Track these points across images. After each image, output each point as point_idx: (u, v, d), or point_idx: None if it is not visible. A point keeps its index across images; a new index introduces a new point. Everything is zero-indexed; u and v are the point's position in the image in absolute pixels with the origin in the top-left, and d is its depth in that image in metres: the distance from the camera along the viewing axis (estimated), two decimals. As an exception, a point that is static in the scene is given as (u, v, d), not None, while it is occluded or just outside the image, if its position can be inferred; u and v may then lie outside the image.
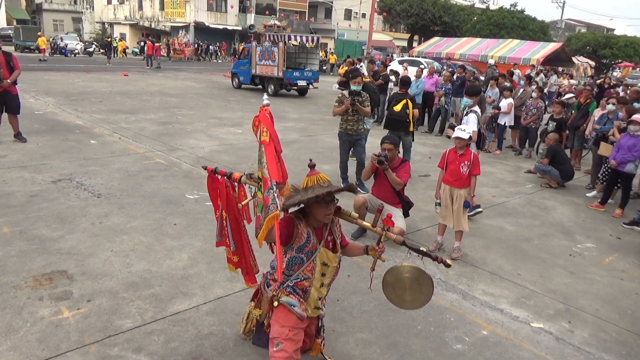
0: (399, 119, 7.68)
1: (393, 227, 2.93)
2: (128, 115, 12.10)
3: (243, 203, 3.17)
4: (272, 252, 3.03)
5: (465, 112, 6.74)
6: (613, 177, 7.23)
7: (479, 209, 6.36)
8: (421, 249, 2.86)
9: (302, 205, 2.75)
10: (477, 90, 6.93)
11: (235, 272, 3.54)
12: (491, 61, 22.60)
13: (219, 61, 40.11)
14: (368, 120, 7.67)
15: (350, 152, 7.30)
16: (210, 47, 41.20)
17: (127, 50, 40.55)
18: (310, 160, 2.86)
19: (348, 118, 6.94)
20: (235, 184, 3.20)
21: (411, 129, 7.79)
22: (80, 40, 41.45)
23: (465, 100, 6.72)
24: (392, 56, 40.65)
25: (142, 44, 38.11)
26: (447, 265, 2.85)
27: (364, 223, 2.98)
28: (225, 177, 3.19)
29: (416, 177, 8.00)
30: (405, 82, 8.22)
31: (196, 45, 40.52)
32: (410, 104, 7.64)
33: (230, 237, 3.33)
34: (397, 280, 2.91)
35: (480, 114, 6.63)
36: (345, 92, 7.02)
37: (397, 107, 7.69)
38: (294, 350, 2.77)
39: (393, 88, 17.39)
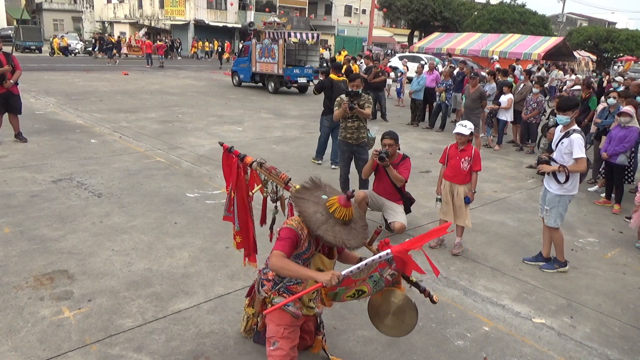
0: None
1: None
2: (128, 114, 12.10)
3: (253, 191, 3.21)
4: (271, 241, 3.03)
5: (560, 136, 4.76)
6: (608, 170, 7.20)
7: (563, 268, 4.90)
8: (411, 278, 2.79)
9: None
10: (574, 103, 4.80)
11: (237, 249, 3.60)
12: (495, 57, 22.53)
13: (179, 58, 37.90)
14: (373, 128, 6.96)
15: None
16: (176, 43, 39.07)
17: (70, 48, 35.11)
18: (353, 190, 2.72)
19: (347, 125, 6.14)
20: (249, 168, 3.25)
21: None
22: (81, 40, 41.38)
23: (560, 118, 4.71)
24: (392, 52, 40.51)
25: (93, 40, 35.27)
26: (433, 302, 2.76)
27: None
28: (238, 159, 3.23)
29: (417, 173, 7.98)
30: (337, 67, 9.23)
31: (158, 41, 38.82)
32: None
33: (236, 216, 3.40)
34: (384, 302, 2.85)
35: (584, 135, 4.73)
36: (344, 95, 6.35)
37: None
38: (291, 348, 2.76)
39: (392, 85, 17.42)
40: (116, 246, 4.76)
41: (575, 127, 4.68)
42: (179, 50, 40.13)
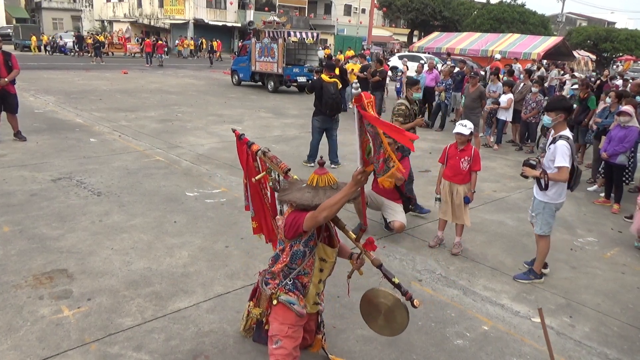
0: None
1: (374, 250, 2.83)
2: (128, 113, 12.09)
3: (257, 177, 3.24)
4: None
5: (549, 140, 4.53)
6: (608, 170, 7.20)
7: (538, 279, 4.66)
8: (394, 280, 2.77)
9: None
10: (561, 105, 4.39)
11: (254, 234, 3.65)
12: (497, 56, 22.51)
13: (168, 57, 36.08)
14: None
15: None
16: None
17: (67, 46, 34.20)
18: (321, 157, 2.89)
19: None
20: (257, 155, 3.29)
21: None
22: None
23: (546, 119, 4.44)
24: (384, 52, 40.38)
25: (75, 39, 33.96)
26: (414, 306, 2.68)
27: (350, 234, 2.95)
28: (247, 146, 3.29)
29: (416, 173, 7.95)
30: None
31: (137, 39, 37.42)
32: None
33: (250, 202, 3.46)
34: (374, 302, 2.87)
35: (573, 142, 4.37)
36: (407, 103, 6.18)
37: None
38: (294, 347, 2.76)
39: (389, 84, 17.36)
40: (115, 245, 4.76)
41: (564, 132, 4.33)
42: (169, 49, 39.93)
